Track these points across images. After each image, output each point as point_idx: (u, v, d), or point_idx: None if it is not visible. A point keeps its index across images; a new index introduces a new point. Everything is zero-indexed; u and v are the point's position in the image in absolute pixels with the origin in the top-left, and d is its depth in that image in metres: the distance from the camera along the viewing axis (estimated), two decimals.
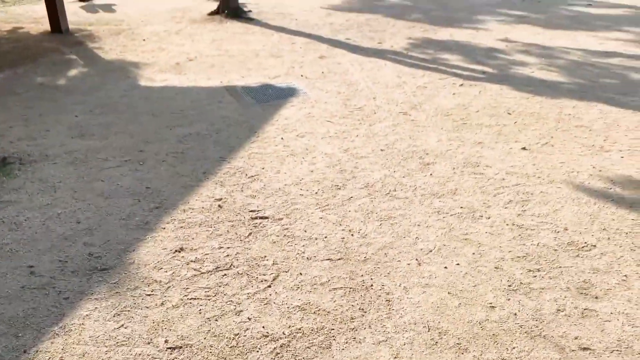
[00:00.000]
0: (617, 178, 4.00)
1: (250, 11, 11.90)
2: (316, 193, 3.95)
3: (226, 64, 7.69)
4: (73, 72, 7.42)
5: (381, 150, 4.69)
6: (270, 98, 6.25)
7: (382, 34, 9.51)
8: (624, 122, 5.11)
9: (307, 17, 11.27)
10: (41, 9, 10.16)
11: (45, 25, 10.04)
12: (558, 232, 3.33)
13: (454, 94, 6.12)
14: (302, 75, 7.08)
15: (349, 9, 12.24)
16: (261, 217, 3.62)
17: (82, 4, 13.41)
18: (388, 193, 3.90)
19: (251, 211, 3.71)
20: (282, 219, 3.60)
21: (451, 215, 3.57)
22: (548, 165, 4.25)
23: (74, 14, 11.79)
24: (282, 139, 5.03)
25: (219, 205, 3.79)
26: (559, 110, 5.47)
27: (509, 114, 5.45)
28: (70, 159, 4.59)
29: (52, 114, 5.75)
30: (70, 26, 10.38)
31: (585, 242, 3.20)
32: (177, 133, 5.16)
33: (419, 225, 3.46)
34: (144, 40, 9.32)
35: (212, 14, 11.51)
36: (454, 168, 4.26)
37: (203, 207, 3.77)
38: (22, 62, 7.90)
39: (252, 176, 4.25)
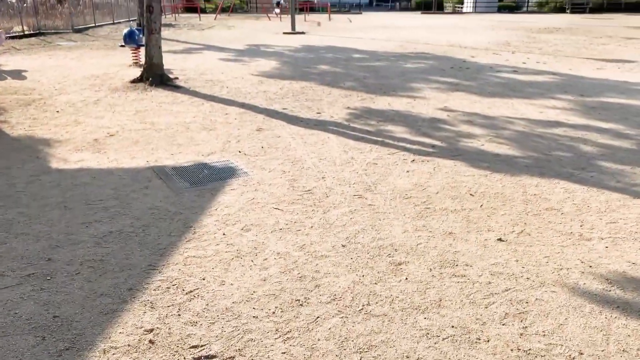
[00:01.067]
0: (611, 276, 3.56)
1: (176, 78, 11.23)
2: (273, 313, 3.20)
3: (153, 139, 6.91)
4: None
5: (342, 246, 4.04)
6: (206, 180, 5.51)
7: (319, 103, 9.10)
8: (593, 202, 4.79)
9: (238, 84, 10.75)
10: None
11: None
12: (573, 357, 2.77)
13: (407, 171, 5.66)
14: (240, 152, 6.41)
15: (280, 76, 11.87)
16: (207, 357, 2.82)
17: None
18: (361, 309, 3.23)
19: (193, 347, 2.90)
20: (233, 357, 2.82)
21: (443, 339, 2.93)
22: (533, 262, 3.77)
23: None
24: (224, 234, 4.28)
25: (150, 341, 2.95)
26: (522, 190, 5.10)
27: (472, 195, 5.01)
28: None
29: None
30: None
31: None
32: (94, 232, 4.28)
33: (408, 357, 2.79)
34: (57, 112, 8.38)
35: (135, 81, 10.73)
36: (430, 269, 3.68)
37: (129, 345, 2.91)
38: None
39: (191, 292, 3.45)
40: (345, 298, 3.35)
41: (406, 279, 3.56)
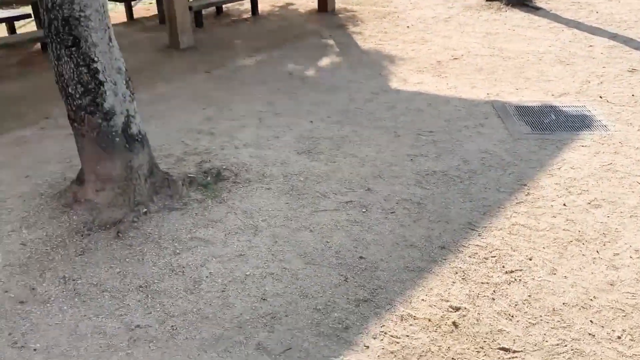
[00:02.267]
0: None
1: None
2: (619, 338, 2.37)
3: (498, 68, 6.17)
4: (325, 62, 6.77)
5: None
6: (552, 128, 4.61)
7: None
8: None
9: (612, 9, 8.85)
10: None
11: (316, 3, 9.73)
12: None
13: None
14: (601, 97, 5.19)
15: None
16: None
17: None
18: None
19: (502, 349, 2.35)
20: None
21: None
22: None
23: None
24: (564, 205, 3.45)
25: (454, 323, 2.51)
26: None
27: None
28: (287, 186, 3.77)
29: (287, 114, 5.09)
30: (339, 4, 9.91)
31: None
32: (417, 168, 3.97)
33: None
34: (407, 27, 8.29)
35: None
36: None
37: (430, 320, 2.53)
38: (280, 45, 7.57)
39: (512, 272, 2.84)
40: None
41: None
